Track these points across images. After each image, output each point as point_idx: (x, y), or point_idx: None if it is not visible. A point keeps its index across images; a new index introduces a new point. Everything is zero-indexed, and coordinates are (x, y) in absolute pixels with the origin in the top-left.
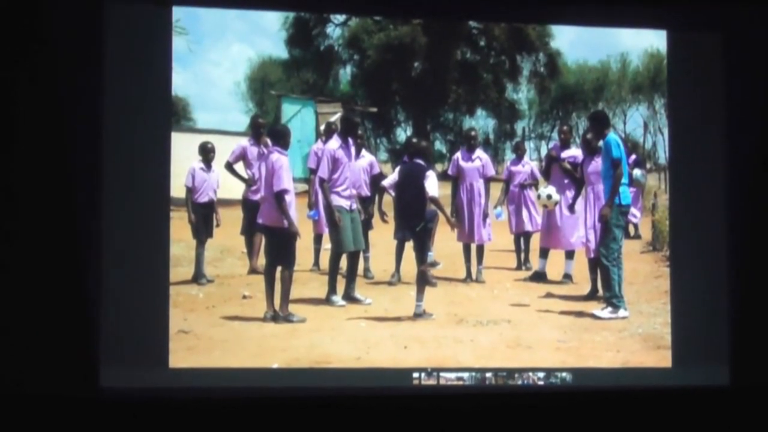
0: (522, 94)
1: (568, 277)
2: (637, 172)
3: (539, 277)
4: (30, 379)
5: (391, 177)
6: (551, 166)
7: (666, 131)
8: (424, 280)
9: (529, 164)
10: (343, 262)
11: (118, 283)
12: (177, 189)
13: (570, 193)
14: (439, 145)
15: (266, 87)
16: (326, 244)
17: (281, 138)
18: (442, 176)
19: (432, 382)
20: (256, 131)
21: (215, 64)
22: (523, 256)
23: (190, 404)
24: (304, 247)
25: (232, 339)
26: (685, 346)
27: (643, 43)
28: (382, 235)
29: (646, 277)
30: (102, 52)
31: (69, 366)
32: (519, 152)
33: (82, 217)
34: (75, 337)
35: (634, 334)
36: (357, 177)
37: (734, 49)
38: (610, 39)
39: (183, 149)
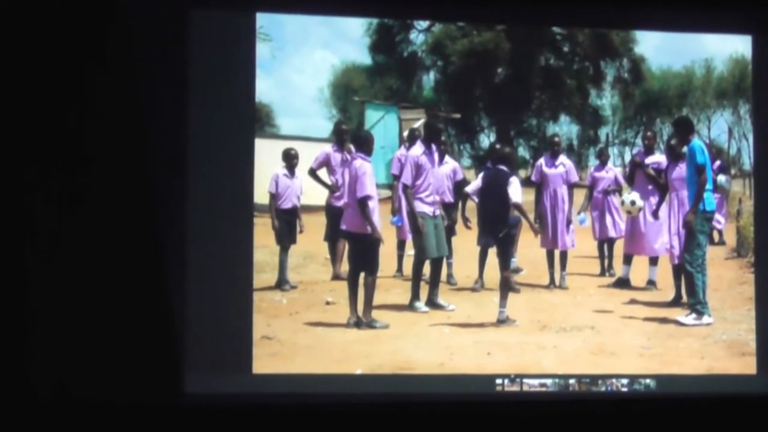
0: (606, 99)
1: (651, 284)
2: (721, 178)
3: (623, 283)
4: (115, 386)
5: (475, 183)
6: (635, 172)
7: (751, 137)
8: (507, 287)
9: (613, 170)
10: (426, 269)
11: (202, 289)
12: (261, 195)
13: (654, 199)
14: (523, 151)
15: (349, 93)
16: (409, 251)
17: (364, 144)
18: (526, 182)
19: (515, 388)
20: (339, 137)
21: (298, 70)
22: (606, 262)
23: (274, 410)
24: (387, 253)
25: (316, 345)
26: None
27: (727, 49)
28: (466, 242)
29: (730, 283)
30: (186, 58)
31: (153, 372)
32: (602, 158)
33: (167, 223)
34: (159, 344)
35: (718, 340)
36: (440, 183)
37: None
38: (694, 44)
39: (266, 155)
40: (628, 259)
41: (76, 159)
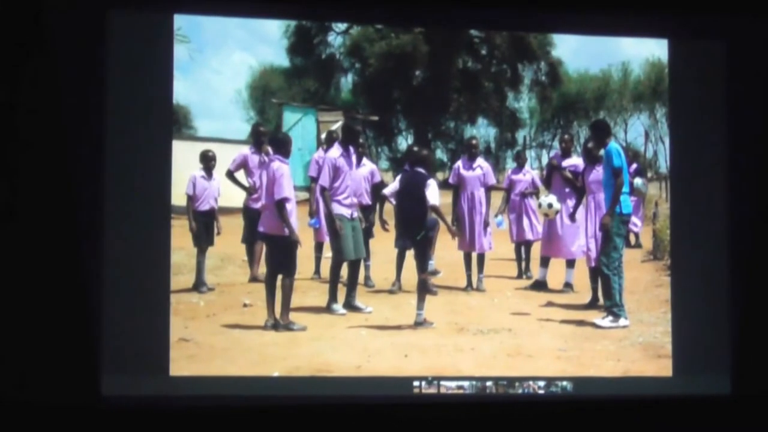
0: (523, 102)
1: (568, 286)
2: (638, 181)
3: (540, 285)
4: (31, 387)
5: (392, 185)
6: (552, 175)
7: (667, 140)
8: (424, 289)
9: (530, 173)
10: (344, 271)
11: (119, 291)
12: (178, 197)
13: (571, 202)
14: (440, 154)
15: (267, 95)
16: (327, 253)
17: (282, 146)
18: (443, 185)
19: (432, 390)
20: (257, 139)
21: (216, 72)
22: (524, 264)
23: (191, 412)
24: (304, 255)
25: (233, 347)
26: (685, 355)
27: (644, 52)
28: (383, 244)
29: (646, 286)
30: (104, 59)
31: (70, 374)
32: (520, 161)
33: (83, 225)
34: (76, 346)
35: (634, 343)
36: (358, 185)
37: (736, 56)
38: (611, 48)
39: (184, 157)
40: (545, 262)
41: None
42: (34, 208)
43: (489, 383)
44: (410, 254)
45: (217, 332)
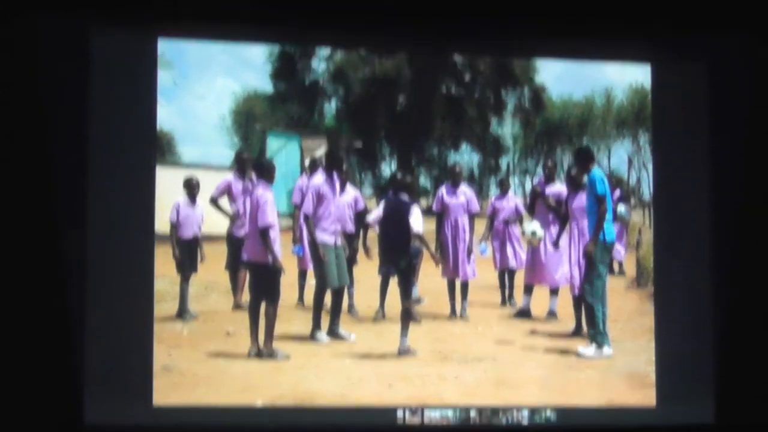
0: (507, 128)
1: (552, 314)
2: (621, 208)
3: (524, 314)
4: (14, 418)
5: (375, 212)
6: (536, 202)
7: (650, 166)
8: (408, 317)
9: (514, 200)
10: (328, 298)
11: (102, 318)
12: (161, 224)
13: (554, 229)
14: (424, 180)
15: (251, 121)
16: (311, 280)
17: (266, 173)
18: (427, 212)
19: (416, 420)
20: (240, 166)
21: (200, 97)
22: (507, 292)
23: None
24: (288, 283)
25: (216, 376)
26: (669, 384)
27: (627, 78)
28: (367, 271)
29: (630, 314)
30: (87, 84)
31: (53, 403)
32: (503, 188)
33: (66, 251)
34: (59, 374)
35: (618, 372)
36: (342, 212)
37: (717, 80)
38: (594, 74)
39: (167, 184)
40: (528, 290)
41: None
42: (16, 233)
43: (473, 413)
44: (394, 282)
45: (201, 360)
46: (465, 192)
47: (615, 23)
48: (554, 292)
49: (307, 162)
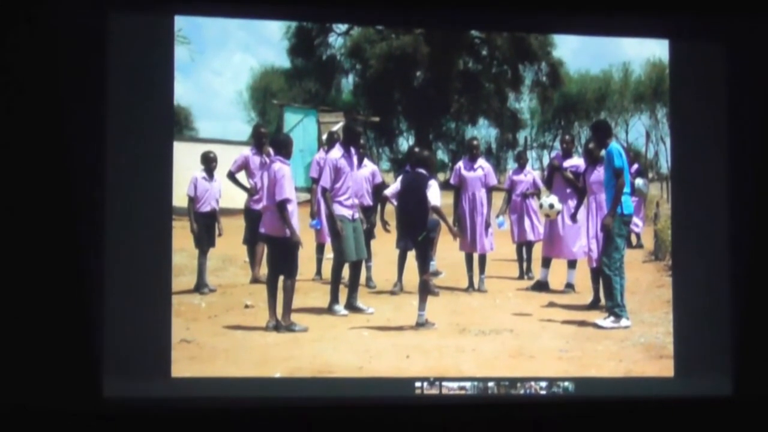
0: (524, 103)
1: (570, 287)
2: (639, 182)
3: (541, 286)
4: (33, 390)
5: (393, 186)
6: (553, 176)
7: (668, 140)
8: (426, 290)
9: (531, 173)
10: (346, 272)
11: (121, 292)
12: (179, 198)
13: (572, 203)
14: (442, 155)
15: (268, 96)
16: (328, 254)
17: (283, 147)
18: (445, 185)
19: (434, 391)
20: (258, 141)
21: (217, 73)
22: (525, 265)
23: (193, 414)
24: (306, 256)
25: (235, 348)
26: (687, 355)
27: (645, 53)
28: (385, 245)
29: (648, 286)
30: (104, 62)
31: (72, 376)
32: (521, 161)
33: (84, 227)
34: (78, 348)
35: (636, 343)
36: (359, 186)
37: (736, 58)
38: (612, 48)
39: (185, 159)
40: (546, 262)
41: None
42: (35, 210)
43: (491, 384)
44: (411, 255)
45: (219, 333)
46: (483, 166)
47: (633, 1)
48: (572, 264)
49: (324, 137)
